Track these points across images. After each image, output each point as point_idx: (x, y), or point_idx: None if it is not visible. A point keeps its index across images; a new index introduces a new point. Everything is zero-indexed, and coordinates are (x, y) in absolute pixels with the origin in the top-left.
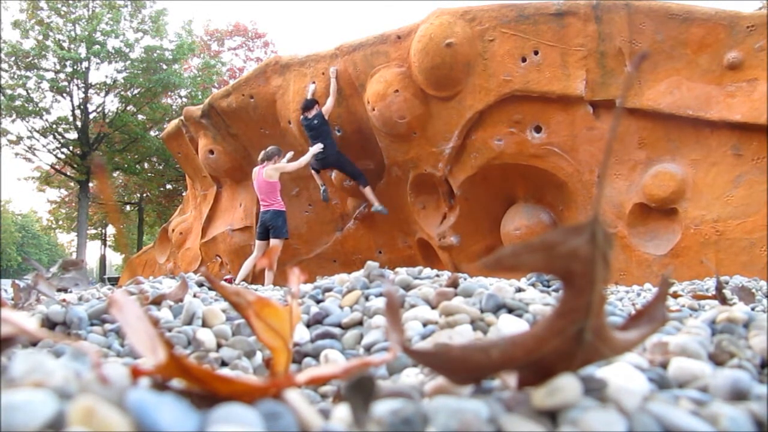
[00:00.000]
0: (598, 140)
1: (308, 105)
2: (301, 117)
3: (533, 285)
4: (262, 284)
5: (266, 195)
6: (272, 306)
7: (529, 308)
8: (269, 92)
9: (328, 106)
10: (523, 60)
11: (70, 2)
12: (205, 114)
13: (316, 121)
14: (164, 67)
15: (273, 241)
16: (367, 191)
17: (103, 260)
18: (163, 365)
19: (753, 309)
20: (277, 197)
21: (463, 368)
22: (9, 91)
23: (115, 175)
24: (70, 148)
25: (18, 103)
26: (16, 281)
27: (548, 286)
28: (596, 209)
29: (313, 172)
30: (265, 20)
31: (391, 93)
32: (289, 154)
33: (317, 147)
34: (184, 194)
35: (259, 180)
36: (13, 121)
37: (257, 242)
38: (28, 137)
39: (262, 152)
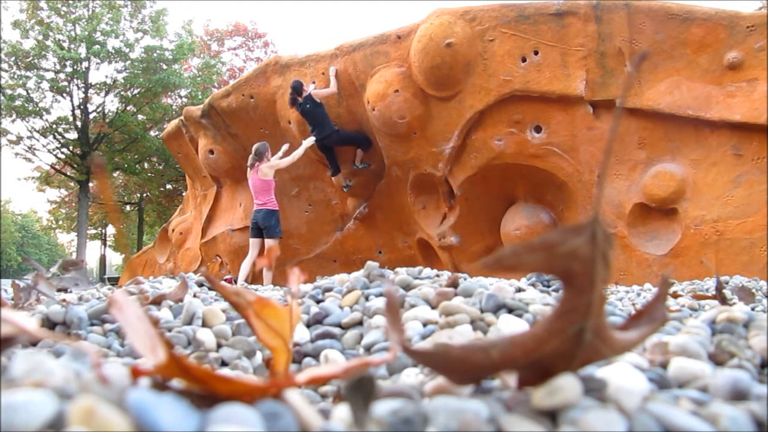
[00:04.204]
0: (598, 140)
1: (298, 87)
2: (291, 100)
3: (533, 285)
4: (262, 284)
5: (261, 194)
6: (272, 306)
7: (529, 308)
8: (269, 92)
9: (322, 92)
10: (523, 60)
11: (70, 2)
12: (205, 114)
13: (308, 105)
14: (164, 67)
15: (268, 242)
16: (359, 152)
17: (103, 260)
18: (163, 365)
19: (753, 309)
20: (271, 196)
21: (463, 368)
22: (9, 91)
23: (115, 175)
24: (70, 148)
25: (18, 103)
26: (16, 281)
27: (548, 286)
28: (596, 209)
29: (325, 157)
30: (265, 20)
31: (391, 93)
32: (285, 147)
33: (309, 140)
34: (184, 194)
35: (254, 179)
36: (13, 121)
37: (251, 240)
38: (28, 137)
39: (251, 156)
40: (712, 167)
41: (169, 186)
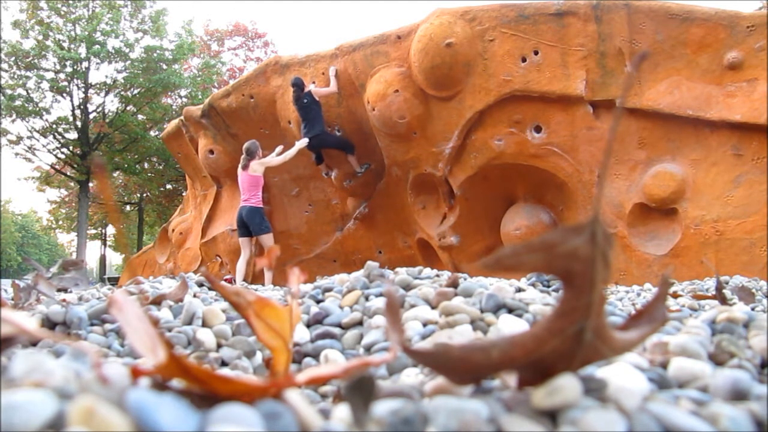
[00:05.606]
0: (598, 140)
1: (300, 83)
2: (295, 97)
3: (533, 285)
4: (263, 284)
5: (248, 190)
6: (272, 306)
7: (529, 308)
8: (269, 92)
9: (322, 91)
10: (523, 60)
11: (70, 2)
12: (205, 114)
13: (305, 101)
14: (164, 67)
15: (262, 239)
16: (351, 158)
17: (103, 260)
18: (163, 365)
19: (753, 309)
20: (258, 193)
21: (463, 368)
22: (9, 91)
23: (115, 175)
24: (70, 148)
25: (18, 103)
26: (16, 281)
27: (548, 286)
28: (596, 209)
29: (312, 155)
30: (265, 20)
31: (391, 93)
32: (279, 148)
33: (302, 142)
34: (184, 194)
35: (243, 175)
36: (13, 121)
37: (240, 240)
38: (28, 137)
39: (243, 156)
40: (712, 167)
41: (169, 186)
